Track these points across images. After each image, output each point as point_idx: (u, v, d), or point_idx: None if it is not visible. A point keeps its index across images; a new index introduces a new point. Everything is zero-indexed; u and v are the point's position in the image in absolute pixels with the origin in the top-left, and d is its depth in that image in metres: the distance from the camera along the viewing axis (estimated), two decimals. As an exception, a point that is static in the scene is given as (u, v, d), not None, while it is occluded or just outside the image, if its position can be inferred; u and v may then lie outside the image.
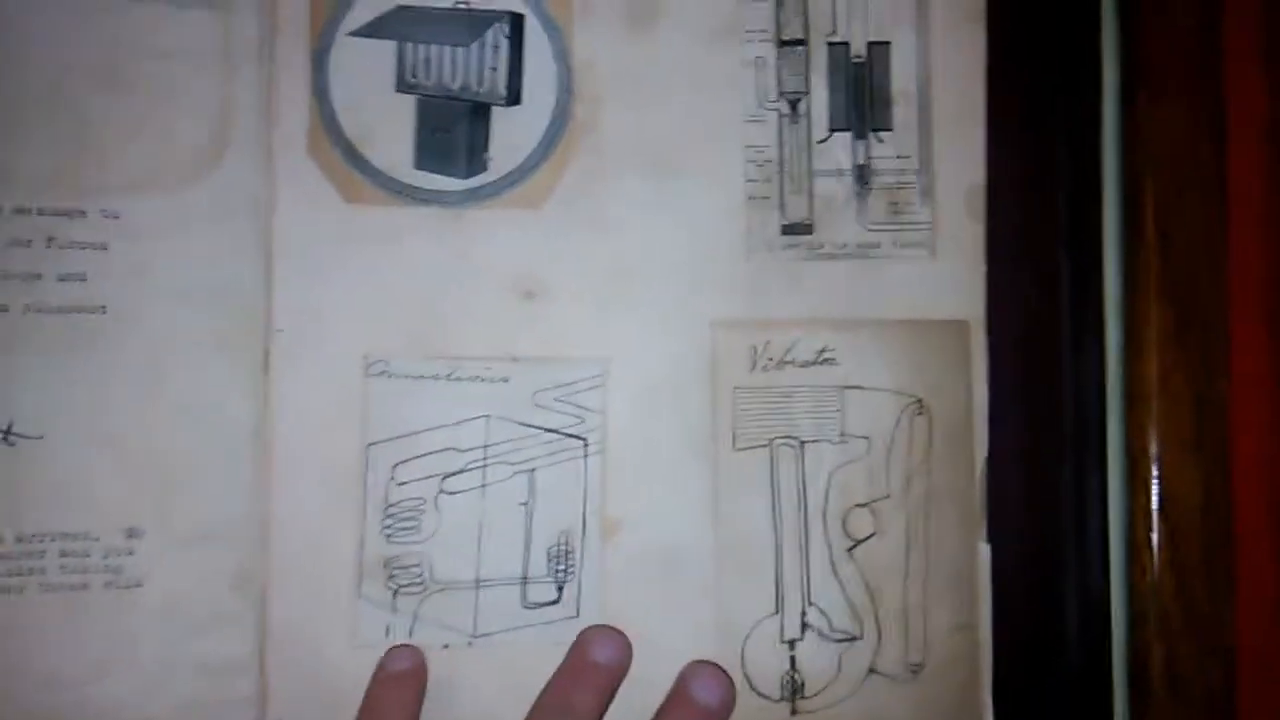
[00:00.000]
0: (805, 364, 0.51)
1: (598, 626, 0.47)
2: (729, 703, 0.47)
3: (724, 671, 0.48)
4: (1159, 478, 0.53)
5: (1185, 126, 0.53)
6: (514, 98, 0.48)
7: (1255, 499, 0.54)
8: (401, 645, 0.47)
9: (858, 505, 0.51)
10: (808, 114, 0.51)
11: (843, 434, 0.51)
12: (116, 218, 0.45)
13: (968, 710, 0.51)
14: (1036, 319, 0.53)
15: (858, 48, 0.51)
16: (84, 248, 0.45)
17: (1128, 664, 0.53)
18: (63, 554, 0.44)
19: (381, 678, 0.45)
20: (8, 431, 0.44)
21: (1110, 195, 0.54)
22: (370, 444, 0.47)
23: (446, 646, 0.48)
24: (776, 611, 0.50)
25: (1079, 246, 0.53)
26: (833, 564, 0.51)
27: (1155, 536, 0.53)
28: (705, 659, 0.48)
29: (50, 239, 0.44)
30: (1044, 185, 0.53)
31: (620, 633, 0.47)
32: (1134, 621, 0.53)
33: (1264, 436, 0.54)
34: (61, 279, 0.44)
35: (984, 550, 0.52)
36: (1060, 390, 0.53)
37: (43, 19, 0.45)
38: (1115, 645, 0.53)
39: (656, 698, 0.47)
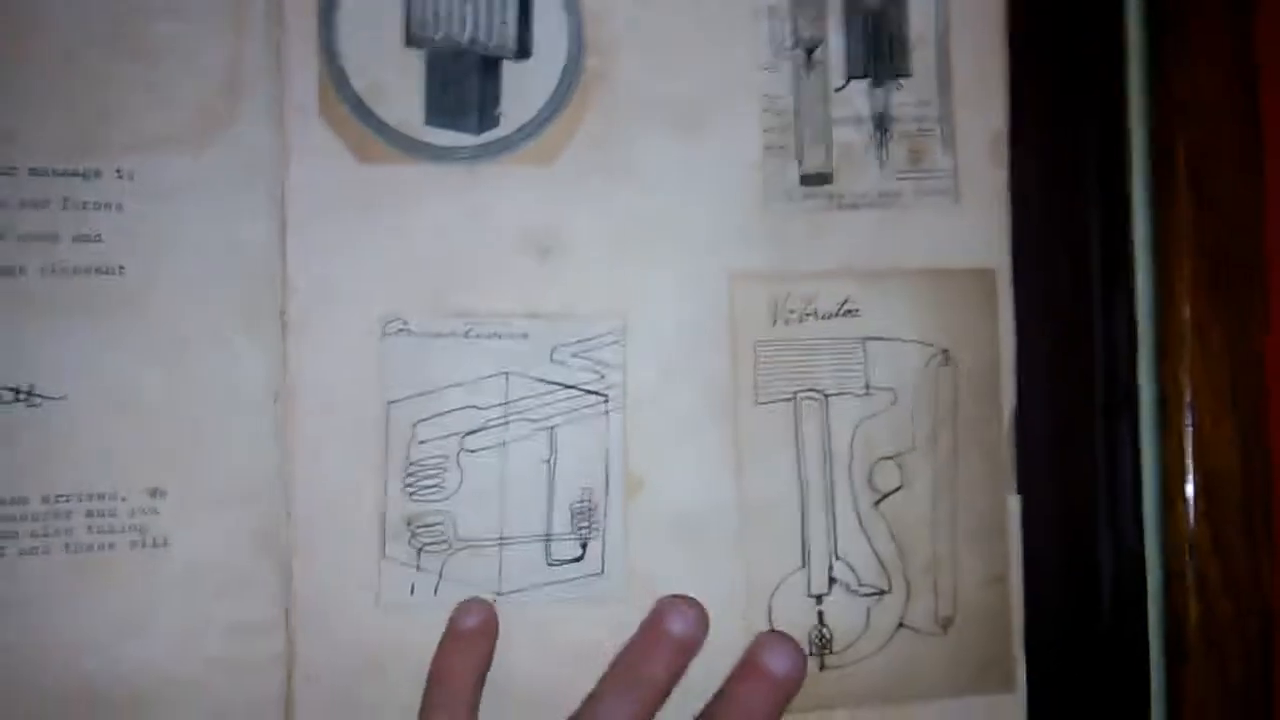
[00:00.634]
0: (827, 316, 0.50)
1: (674, 597, 0.47)
2: (801, 673, 0.46)
3: (796, 642, 0.47)
4: (1193, 428, 0.52)
5: (1216, 69, 0.53)
6: (524, 50, 0.48)
7: (1294, 451, 0.53)
8: (472, 600, 0.47)
9: (884, 458, 0.51)
10: (824, 62, 0.51)
11: (867, 386, 0.50)
12: (131, 178, 0.45)
13: (999, 665, 0.51)
14: (1064, 266, 0.52)
15: (874, -8, 0.51)
16: (99, 208, 0.45)
17: (1163, 619, 0.53)
18: (89, 514, 0.45)
19: (450, 637, 0.46)
20: (30, 393, 0.44)
21: (1138, 137, 0.53)
22: (390, 402, 0.48)
23: (471, 604, 0.48)
24: (803, 566, 0.50)
25: (1107, 191, 0.53)
26: (859, 517, 0.50)
27: (1190, 489, 0.52)
28: (778, 630, 0.48)
29: (66, 199, 0.45)
30: (1069, 128, 0.52)
31: (697, 604, 0.47)
32: (1169, 576, 0.53)
33: (1301, 387, 0.54)
34: (78, 240, 0.45)
35: (1014, 502, 0.51)
36: (1090, 339, 0.52)
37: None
38: (1150, 599, 0.53)
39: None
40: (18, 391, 0.44)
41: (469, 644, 0.46)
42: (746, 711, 0.45)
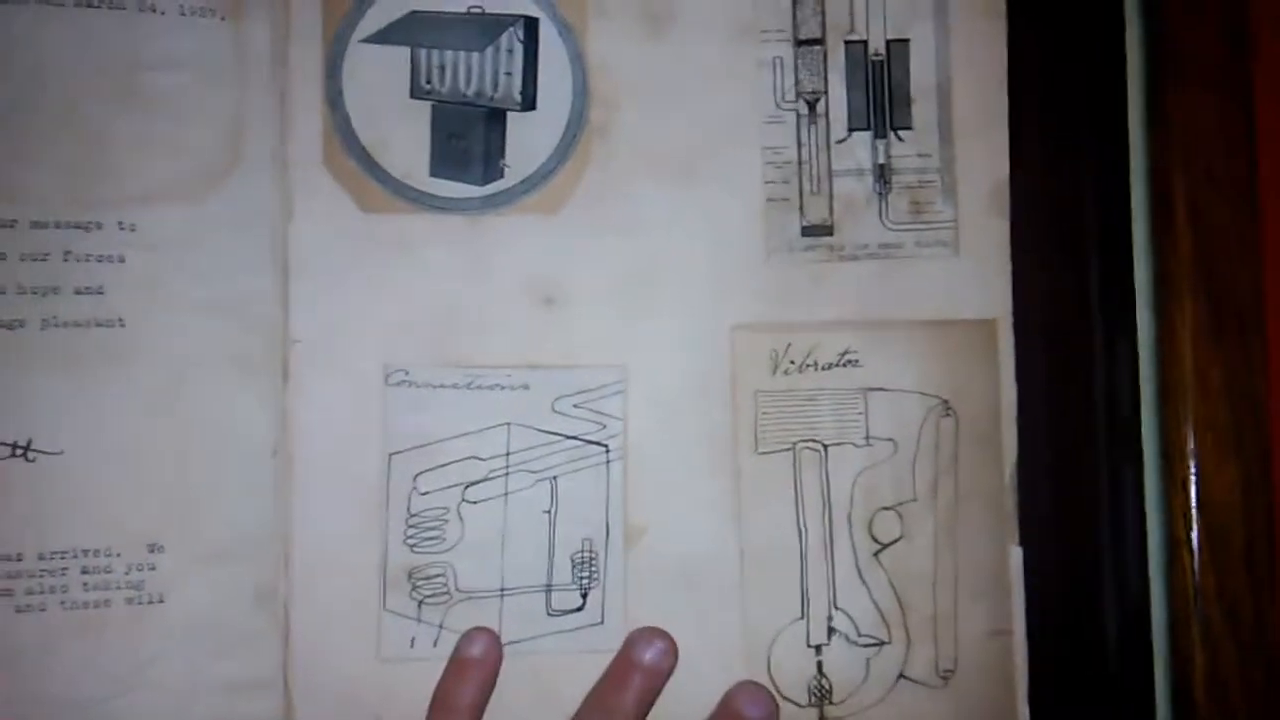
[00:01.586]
0: (828, 366, 0.51)
1: (644, 628, 0.48)
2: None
3: (768, 691, 0.48)
4: (1197, 476, 0.53)
5: (1214, 116, 0.53)
6: (529, 103, 0.49)
7: (1297, 497, 0.54)
8: (477, 628, 0.47)
9: (884, 508, 0.51)
10: (826, 114, 0.51)
11: (867, 437, 0.51)
12: (133, 229, 0.46)
13: (1002, 718, 0.51)
14: (1065, 316, 0.53)
15: (876, 45, 0.51)
16: (101, 260, 0.45)
17: (1169, 669, 0.53)
18: (84, 571, 0.45)
19: (454, 665, 0.46)
20: (27, 448, 0.44)
21: (1138, 188, 0.54)
22: (392, 454, 0.48)
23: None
24: (802, 616, 0.50)
25: (1108, 240, 0.53)
26: (859, 568, 0.51)
27: (1195, 536, 0.53)
28: (749, 680, 0.49)
29: (67, 252, 0.45)
30: (1070, 179, 0.53)
31: (665, 634, 0.48)
32: (1174, 626, 0.53)
33: (1304, 432, 0.54)
34: (79, 292, 0.45)
35: (1016, 554, 0.51)
36: (1092, 388, 0.53)
37: (55, 34, 0.46)
38: (1155, 649, 0.53)
39: (680, 702, 0.48)
40: (14, 446, 0.44)
41: (472, 672, 0.46)
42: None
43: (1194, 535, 0.52)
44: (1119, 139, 0.54)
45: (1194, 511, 0.53)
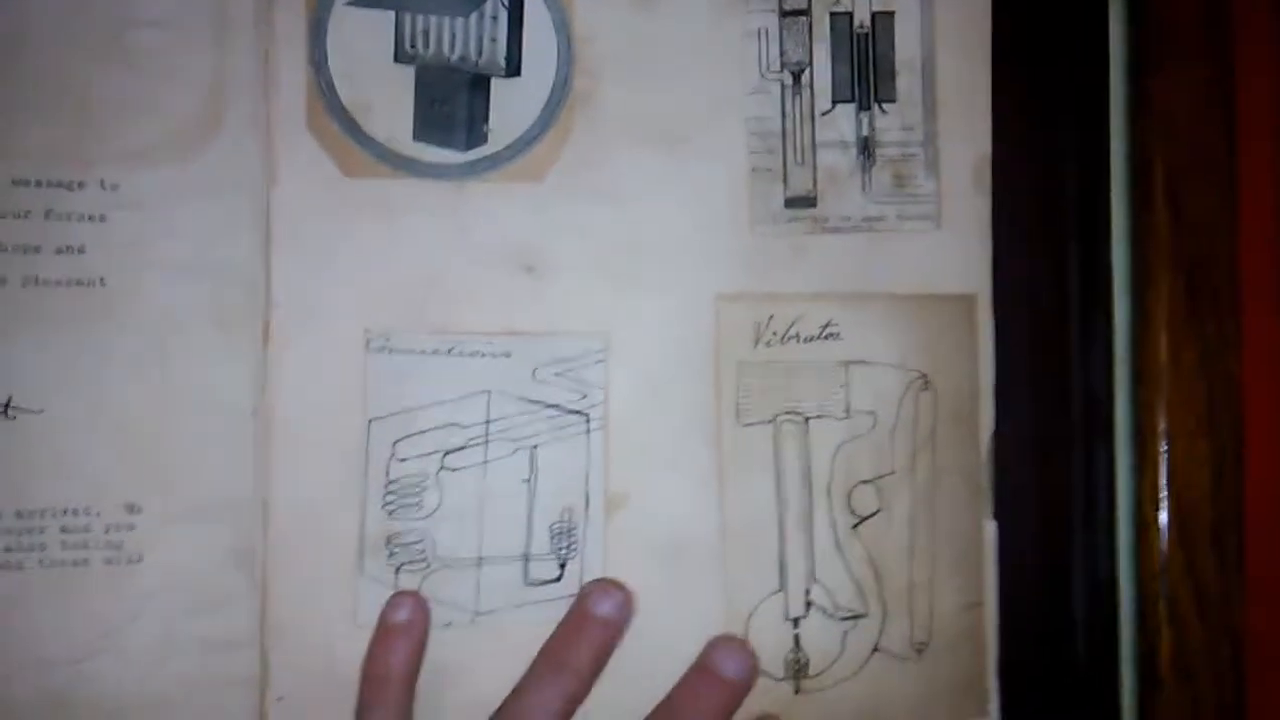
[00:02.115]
0: (809, 339, 0.51)
1: (598, 580, 0.49)
2: (751, 677, 0.48)
3: (747, 645, 0.49)
4: (1168, 456, 0.54)
5: (1195, 97, 0.54)
6: (514, 69, 0.49)
7: (1266, 480, 0.55)
8: (401, 593, 0.47)
9: (863, 482, 0.52)
10: (811, 85, 0.52)
11: (847, 410, 0.52)
12: (115, 189, 0.46)
13: (973, 690, 0.52)
14: (1044, 293, 0.54)
15: (861, 17, 0.52)
16: (82, 219, 0.45)
17: (1135, 646, 0.54)
18: (63, 529, 0.45)
19: (380, 633, 0.46)
20: (7, 405, 0.45)
21: (1118, 168, 0.55)
22: (371, 420, 0.48)
23: (449, 624, 0.48)
24: (780, 589, 0.51)
25: (1087, 220, 0.54)
26: (837, 541, 0.51)
27: (1164, 516, 0.54)
28: (727, 634, 0.49)
29: (49, 211, 0.45)
30: (1051, 157, 0.54)
31: (621, 586, 0.48)
32: (1142, 603, 0.54)
33: (1276, 416, 0.55)
34: (60, 251, 0.45)
35: (990, 528, 0.52)
36: (1068, 366, 0.54)
37: (38, -8, 0.46)
38: (1123, 626, 0.54)
39: (659, 672, 0.48)
40: (-6, 403, 0.44)
41: (399, 639, 0.46)
42: (697, 712, 0.47)
43: (1163, 513, 0.54)
44: (1100, 118, 0.55)
45: (1164, 490, 0.54)
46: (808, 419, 0.51)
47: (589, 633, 0.47)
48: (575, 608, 0.48)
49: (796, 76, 0.52)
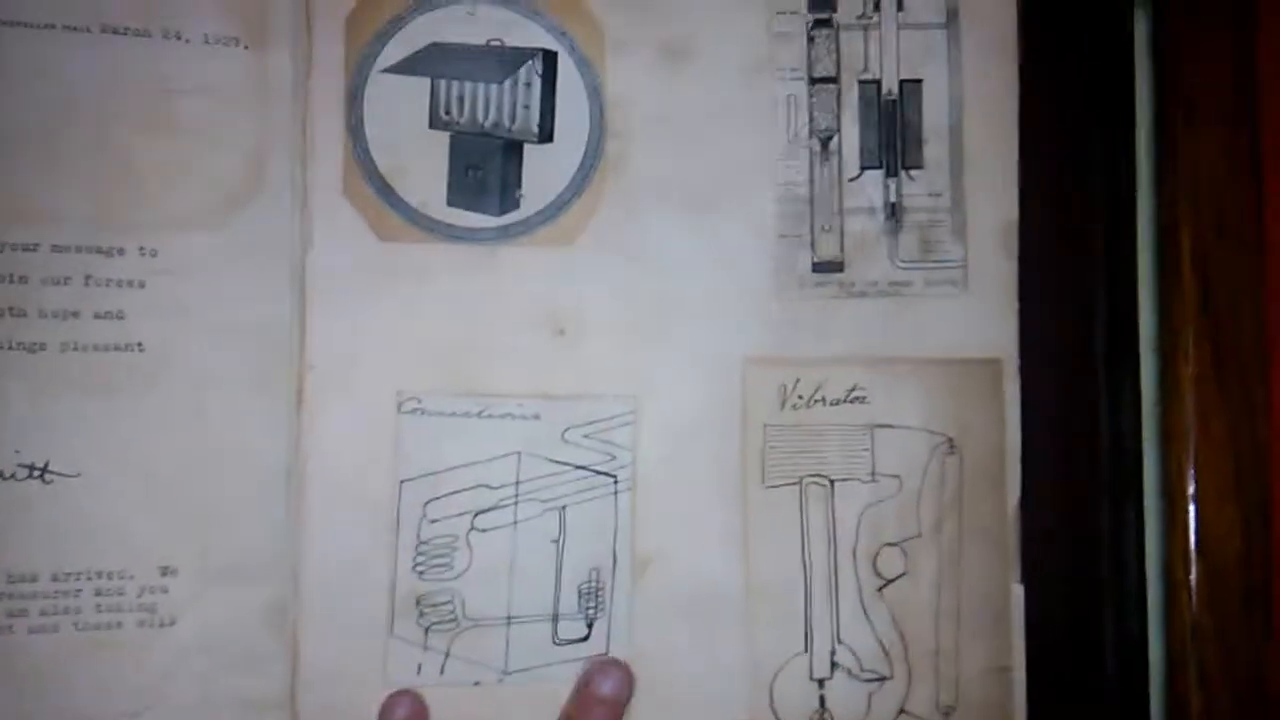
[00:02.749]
0: (835, 402, 0.52)
1: (601, 660, 0.49)
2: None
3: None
4: (1197, 519, 0.54)
5: (1221, 161, 0.55)
6: (546, 135, 0.50)
7: (1295, 541, 0.55)
8: (400, 692, 0.48)
9: (888, 544, 0.52)
10: (839, 151, 0.52)
11: (873, 473, 0.52)
12: (154, 255, 0.47)
13: (1001, 755, 0.52)
14: (1071, 357, 0.54)
15: (889, 85, 0.53)
16: (121, 285, 0.46)
17: (1165, 710, 0.54)
18: (98, 593, 0.46)
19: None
20: (44, 470, 0.45)
21: (1145, 232, 0.55)
22: (403, 480, 0.49)
23: (478, 683, 0.49)
24: (805, 650, 0.51)
25: (1114, 284, 0.55)
26: (863, 603, 0.52)
27: (1194, 579, 0.54)
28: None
29: (88, 277, 0.46)
30: (1078, 222, 0.54)
31: (623, 665, 0.49)
32: (1172, 666, 0.54)
33: (1304, 476, 0.55)
34: (99, 317, 0.46)
35: (1018, 591, 0.52)
36: (1095, 429, 0.54)
37: (81, 60, 0.47)
38: (1153, 690, 0.54)
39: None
40: (32, 468, 0.45)
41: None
42: None
43: (1193, 577, 0.54)
44: (1127, 183, 0.55)
45: (1193, 553, 0.54)
46: (833, 481, 0.52)
47: (593, 713, 0.48)
48: (579, 689, 0.49)
49: (825, 143, 0.52)
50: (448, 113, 0.50)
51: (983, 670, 0.52)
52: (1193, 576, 0.54)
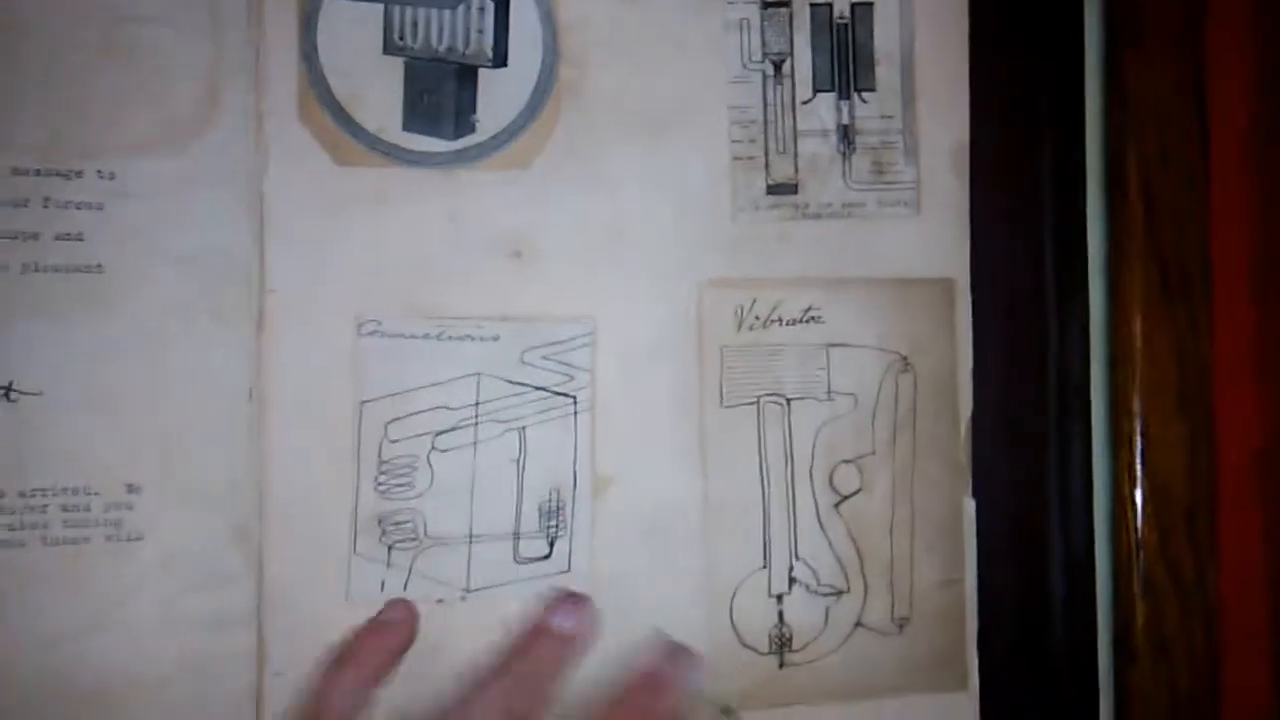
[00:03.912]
0: (791, 322, 0.53)
1: (563, 592, 0.48)
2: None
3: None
4: (1142, 436, 0.55)
5: (1169, 86, 0.56)
6: (501, 60, 0.51)
7: (1239, 458, 0.56)
8: (399, 600, 0.49)
9: (844, 461, 0.53)
10: (792, 75, 0.53)
11: (829, 391, 0.53)
12: (112, 178, 0.47)
13: (953, 664, 0.54)
14: (1021, 278, 0.55)
15: (841, 8, 0.54)
16: (80, 207, 0.47)
17: (1111, 621, 0.56)
18: (64, 508, 0.46)
19: (368, 624, 0.48)
20: (8, 389, 0.46)
21: (1094, 155, 0.56)
22: (363, 402, 0.50)
23: (440, 601, 0.50)
24: (764, 566, 0.53)
25: (1063, 205, 0.56)
26: (819, 519, 0.53)
27: (1139, 494, 0.55)
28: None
29: (47, 199, 0.46)
30: (1028, 145, 0.55)
31: (585, 600, 0.48)
32: (1118, 579, 0.56)
33: (1247, 396, 0.57)
34: (59, 238, 0.47)
35: (969, 506, 0.54)
36: (1045, 348, 0.55)
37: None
38: (1100, 602, 0.56)
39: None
40: (-4, 387, 0.46)
41: (383, 631, 0.47)
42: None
43: (1138, 492, 0.55)
44: (1076, 107, 0.56)
45: (1139, 469, 0.55)
46: (790, 400, 0.53)
47: (544, 647, 0.46)
48: (535, 617, 0.47)
49: (777, 66, 0.53)
50: (401, 38, 0.50)
51: (936, 582, 0.54)
52: (1138, 492, 0.55)
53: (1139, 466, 0.55)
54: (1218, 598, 0.55)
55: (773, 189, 0.53)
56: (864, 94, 0.53)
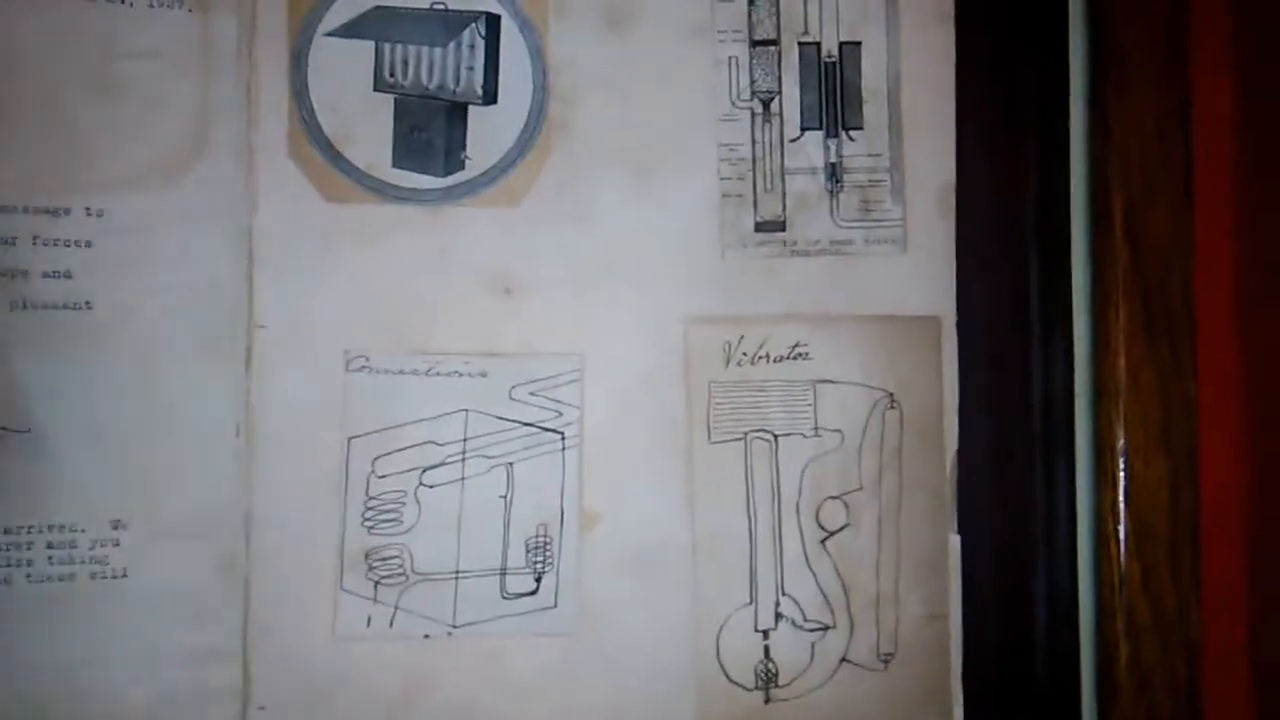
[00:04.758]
0: (779, 359, 0.53)
1: None
2: None
3: None
4: (1126, 472, 0.55)
5: (1152, 124, 0.56)
6: (490, 97, 0.51)
7: (1222, 494, 0.57)
8: None
9: (830, 498, 0.54)
10: (780, 113, 0.54)
11: (816, 428, 0.53)
12: (100, 215, 0.47)
13: (938, 699, 0.54)
14: (1006, 315, 0.56)
15: (829, 47, 0.54)
16: (69, 245, 0.47)
17: (1094, 656, 0.56)
18: (49, 545, 0.46)
19: None
20: (-5, 425, 0.46)
21: (1078, 194, 0.57)
22: (351, 437, 0.50)
23: (427, 636, 0.50)
24: (751, 602, 0.53)
25: (1048, 243, 0.56)
26: (806, 555, 0.53)
27: (1122, 530, 0.55)
28: None
29: (35, 236, 0.47)
30: (1013, 183, 0.56)
31: None
32: (1101, 614, 0.56)
33: (1230, 432, 0.57)
34: (47, 275, 0.47)
35: (954, 542, 0.54)
36: (1029, 385, 0.56)
37: (26, 23, 0.48)
38: (1083, 637, 0.56)
39: (632, 687, 0.51)
40: (-17, 424, 0.46)
41: None
42: None
43: (1121, 528, 0.55)
44: (1061, 145, 0.57)
45: (1122, 505, 0.55)
46: (777, 436, 0.53)
47: None
48: None
49: (766, 104, 0.54)
50: (392, 75, 0.50)
51: (921, 618, 0.54)
52: (1121, 528, 0.55)
53: (1122, 503, 0.56)
54: (1200, 633, 0.56)
55: (761, 226, 0.53)
56: (851, 132, 0.54)
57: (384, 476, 0.50)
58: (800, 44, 0.54)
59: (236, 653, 0.48)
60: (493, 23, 0.51)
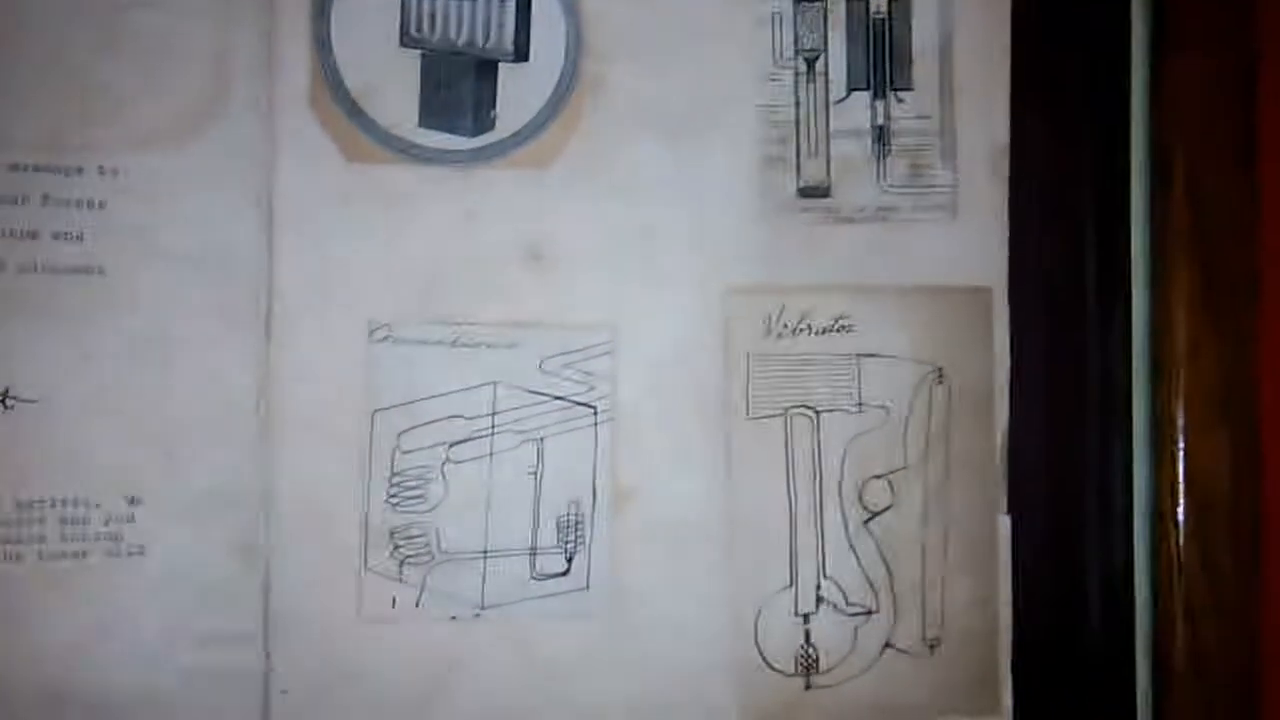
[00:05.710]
0: (821, 331, 0.52)
1: None
2: None
3: None
4: (1185, 449, 0.54)
5: (1215, 85, 0.54)
6: (522, 54, 0.49)
7: (1283, 472, 0.55)
8: None
9: (874, 476, 0.52)
10: (825, 72, 0.52)
11: (860, 403, 0.52)
12: (115, 174, 0.46)
13: (986, 687, 0.53)
14: (1061, 285, 0.54)
15: (878, 3, 0.52)
16: (81, 205, 0.46)
17: (1150, 641, 0.54)
18: (62, 520, 0.45)
19: None
20: (4, 395, 0.45)
21: (1138, 157, 0.55)
22: (375, 411, 0.48)
23: (454, 618, 0.49)
24: (790, 584, 0.51)
25: (1105, 210, 0.54)
26: (848, 536, 0.52)
27: (1180, 509, 0.54)
28: None
29: (46, 196, 0.45)
30: (1070, 146, 0.54)
31: None
32: (1157, 597, 0.54)
33: (1292, 408, 0.55)
34: (58, 238, 0.45)
35: (1004, 523, 0.53)
36: (1085, 359, 0.54)
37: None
38: (1138, 621, 0.54)
39: (667, 667, 0.49)
40: (-9, 393, 0.45)
41: None
42: None
43: (1180, 508, 0.54)
44: (1120, 107, 0.55)
45: (1181, 484, 0.54)
46: (819, 412, 0.51)
47: None
48: None
49: (810, 64, 0.52)
50: (419, 30, 0.49)
51: (968, 602, 0.52)
52: (1180, 508, 0.54)
53: (1181, 481, 0.54)
54: (1259, 616, 0.54)
55: (804, 192, 0.51)
56: (900, 93, 0.52)
57: (409, 452, 0.49)
58: (847, 0, 0.52)
59: (257, 634, 0.47)
60: (524, -25, 0.49)
